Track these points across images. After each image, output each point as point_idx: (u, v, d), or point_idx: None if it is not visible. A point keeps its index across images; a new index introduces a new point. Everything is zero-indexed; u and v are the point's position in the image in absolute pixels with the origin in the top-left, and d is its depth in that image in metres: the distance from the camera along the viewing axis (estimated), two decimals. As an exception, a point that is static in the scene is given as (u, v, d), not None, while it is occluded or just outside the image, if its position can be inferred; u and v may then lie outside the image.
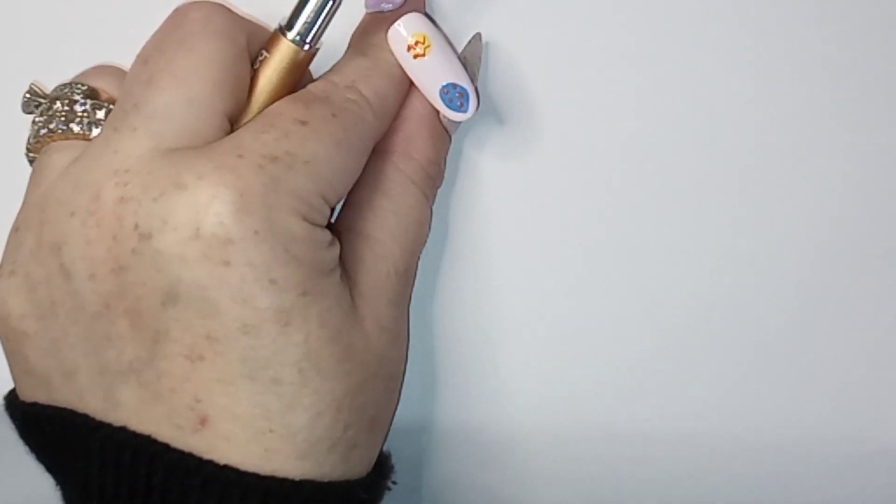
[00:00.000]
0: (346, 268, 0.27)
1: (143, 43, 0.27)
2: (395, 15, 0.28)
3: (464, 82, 0.28)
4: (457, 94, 0.28)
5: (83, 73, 0.29)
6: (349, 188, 0.27)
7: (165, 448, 0.25)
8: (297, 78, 0.27)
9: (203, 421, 0.25)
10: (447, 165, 0.31)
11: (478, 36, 0.30)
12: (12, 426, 0.28)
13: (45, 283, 0.26)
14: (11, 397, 0.28)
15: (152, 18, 0.27)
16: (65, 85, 0.29)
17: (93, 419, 0.26)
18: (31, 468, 0.28)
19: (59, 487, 0.28)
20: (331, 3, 0.27)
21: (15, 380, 0.28)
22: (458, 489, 0.35)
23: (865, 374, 0.33)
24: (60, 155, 0.27)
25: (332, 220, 0.28)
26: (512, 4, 0.31)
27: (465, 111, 0.28)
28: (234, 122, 0.27)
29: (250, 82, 0.27)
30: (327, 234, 0.26)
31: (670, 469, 0.33)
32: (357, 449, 0.27)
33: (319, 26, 0.27)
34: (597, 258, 0.32)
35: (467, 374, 0.33)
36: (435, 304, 0.33)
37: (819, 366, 0.33)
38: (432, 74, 0.28)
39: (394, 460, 0.29)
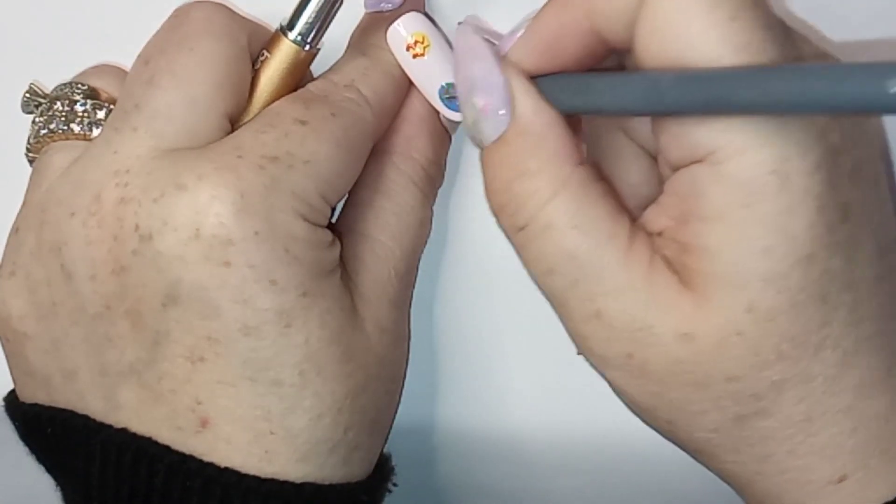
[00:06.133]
0: (346, 268, 0.27)
1: (143, 43, 0.27)
2: (395, 14, 0.28)
3: (463, 82, 0.28)
4: (456, 94, 0.28)
5: (83, 73, 0.29)
6: (349, 188, 0.27)
7: (166, 450, 0.25)
8: (297, 78, 0.27)
9: (204, 423, 0.25)
10: (447, 165, 0.31)
11: (478, 36, 0.30)
12: (12, 426, 0.28)
13: (45, 284, 0.26)
14: (12, 398, 0.28)
15: (153, 18, 0.27)
16: (65, 85, 0.28)
17: (94, 420, 0.26)
18: (31, 468, 0.28)
19: (59, 488, 0.28)
20: (332, 3, 0.27)
21: (15, 381, 0.28)
22: (458, 490, 0.35)
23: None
24: (61, 155, 0.27)
25: (333, 221, 0.28)
26: (512, 4, 0.31)
27: (464, 111, 0.28)
28: (234, 123, 0.26)
29: (251, 82, 0.27)
30: (328, 235, 0.26)
31: (672, 467, 0.33)
32: (358, 451, 0.27)
33: (320, 27, 0.27)
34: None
35: (468, 374, 0.33)
36: (435, 305, 0.33)
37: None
38: (431, 74, 0.28)
39: (394, 461, 0.29)
